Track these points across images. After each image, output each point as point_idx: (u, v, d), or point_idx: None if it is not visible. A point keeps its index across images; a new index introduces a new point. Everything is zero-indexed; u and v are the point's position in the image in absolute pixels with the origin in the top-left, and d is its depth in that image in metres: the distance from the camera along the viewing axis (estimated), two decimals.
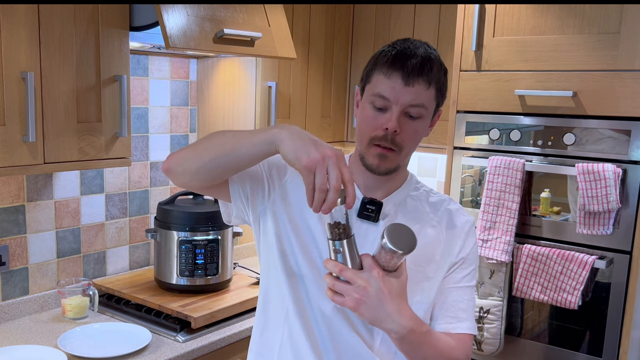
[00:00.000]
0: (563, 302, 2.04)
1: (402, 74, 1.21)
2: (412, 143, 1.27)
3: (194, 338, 2.00)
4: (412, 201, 1.35)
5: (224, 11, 2.03)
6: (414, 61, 1.21)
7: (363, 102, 1.29)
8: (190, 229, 2.21)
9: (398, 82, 1.21)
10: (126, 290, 2.22)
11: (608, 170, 1.92)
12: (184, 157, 1.27)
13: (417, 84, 1.21)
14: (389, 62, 1.23)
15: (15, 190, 2.06)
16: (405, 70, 1.21)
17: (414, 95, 1.22)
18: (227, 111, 2.53)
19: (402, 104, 1.22)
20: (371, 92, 1.25)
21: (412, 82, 1.21)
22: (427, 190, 1.39)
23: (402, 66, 1.21)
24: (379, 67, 1.25)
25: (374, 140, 1.24)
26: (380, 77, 1.24)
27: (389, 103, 1.23)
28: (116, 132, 1.92)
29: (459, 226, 1.35)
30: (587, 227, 1.99)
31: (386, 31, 2.71)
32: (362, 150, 1.28)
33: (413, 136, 1.26)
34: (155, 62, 2.45)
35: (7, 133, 1.65)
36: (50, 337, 1.95)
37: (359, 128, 1.29)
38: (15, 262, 2.09)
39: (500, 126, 2.18)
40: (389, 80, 1.22)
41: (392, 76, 1.22)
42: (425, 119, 1.26)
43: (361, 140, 1.28)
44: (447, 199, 1.39)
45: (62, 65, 1.75)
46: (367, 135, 1.25)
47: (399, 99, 1.22)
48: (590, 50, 1.98)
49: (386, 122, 1.22)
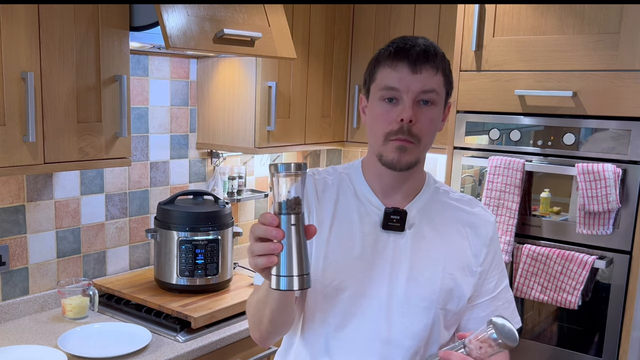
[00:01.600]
0: (563, 302, 2.04)
1: (408, 63, 1.19)
2: (430, 133, 1.23)
3: (194, 338, 2.00)
4: (435, 205, 1.32)
5: (224, 11, 2.03)
6: (417, 49, 1.19)
7: (371, 102, 1.25)
8: (190, 229, 2.21)
9: (405, 71, 1.19)
10: (126, 290, 2.22)
11: (608, 170, 1.92)
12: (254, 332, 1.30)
13: (425, 71, 1.19)
14: (392, 55, 1.21)
15: (15, 190, 2.06)
16: (410, 58, 1.19)
17: (424, 81, 1.19)
18: (227, 111, 2.54)
19: (413, 91, 1.19)
20: (378, 87, 1.22)
21: (420, 69, 1.19)
22: (446, 190, 1.36)
23: (406, 55, 1.19)
24: (383, 63, 1.22)
25: (390, 135, 1.20)
26: (385, 71, 1.21)
27: (399, 93, 1.19)
28: (116, 132, 1.92)
29: (483, 232, 1.31)
30: (587, 227, 1.99)
31: (386, 31, 2.71)
32: (379, 149, 1.23)
33: (429, 125, 1.21)
34: (155, 62, 2.45)
35: (7, 133, 1.65)
36: (50, 337, 1.95)
37: (372, 128, 1.24)
38: (15, 262, 2.09)
39: (500, 126, 2.18)
40: (395, 71, 1.20)
41: (398, 67, 1.19)
42: (438, 106, 1.23)
43: (376, 140, 1.23)
44: (467, 200, 1.36)
45: (62, 65, 1.75)
46: (382, 131, 1.21)
47: (409, 88, 1.18)
48: (590, 50, 1.98)
49: (400, 114, 1.19)
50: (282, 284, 1.00)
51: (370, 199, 1.30)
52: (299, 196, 1.00)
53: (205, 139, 2.63)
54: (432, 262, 1.26)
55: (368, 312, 1.24)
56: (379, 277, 1.25)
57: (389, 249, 1.26)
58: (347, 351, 1.26)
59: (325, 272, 1.26)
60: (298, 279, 0.99)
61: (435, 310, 1.25)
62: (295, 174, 1.00)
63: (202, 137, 2.64)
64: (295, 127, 2.65)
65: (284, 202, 1.00)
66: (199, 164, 2.70)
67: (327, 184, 1.33)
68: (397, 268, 1.25)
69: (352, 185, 1.32)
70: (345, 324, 1.25)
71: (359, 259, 1.26)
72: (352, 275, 1.25)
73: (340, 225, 1.28)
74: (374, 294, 1.25)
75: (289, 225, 1.00)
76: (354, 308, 1.25)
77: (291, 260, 0.99)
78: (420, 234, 1.28)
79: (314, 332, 1.28)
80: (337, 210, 1.29)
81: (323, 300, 1.26)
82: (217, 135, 2.58)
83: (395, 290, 1.25)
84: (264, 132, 2.47)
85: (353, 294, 1.25)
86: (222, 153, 2.73)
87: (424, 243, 1.27)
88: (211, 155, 2.73)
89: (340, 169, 1.36)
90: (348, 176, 1.34)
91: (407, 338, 1.25)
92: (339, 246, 1.27)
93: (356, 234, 1.27)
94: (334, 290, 1.25)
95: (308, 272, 1.01)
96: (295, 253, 1.00)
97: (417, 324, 1.25)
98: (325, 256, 1.26)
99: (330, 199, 1.30)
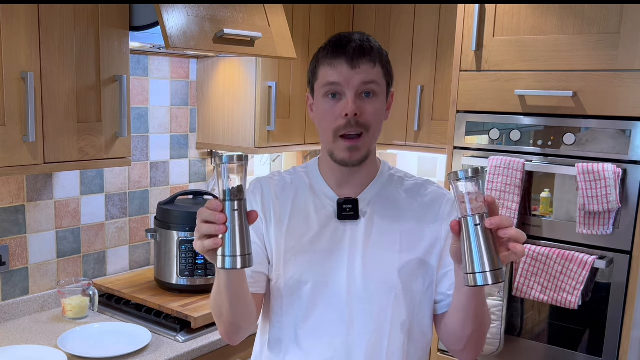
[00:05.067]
0: (563, 302, 2.04)
1: (345, 59, 1.23)
2: (376, 122, 1.27)
3: (194, 338, 2.00)
4: (390, 191, 1.36)
5: (224, 11, 2.03)
6: (353, 45, 1.24)
7: (316, 101, 1.30)
8: (190, 229, 2.21)
9: (344, 68, 1.23)
10: (126, 290, 2.22)
11: (608, 170, 1.91)
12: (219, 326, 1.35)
13: (363, 64, 1.24)
14: (329, 53, 1.26)
15: (15, 190, 2.06)
16: (347, 54, 1.23)
17: (363, 75, 1.24)
18: (227, 111, 2.54)
19: (353, 85, 1.23)
20: (321, 85, 1.27)
21: (358, 64, 1.23)
22: (401, 176, 1.39)
23: (343, 52, 1.24)
24: (321, 62, 1.27)
25: (339, 131, 1.25)
26: (325, 69, 1.26)
27: (341, 88, 1.24)
28: (116, 132, 1.92)
29: (440, 209, 1.34)
30: (587, 227, 1.99)
31: (386, 31, 2.71)
32: (330, 147, 1.29)
33: (374, 115, 1.26)
34: (155, 62, 2.45)
35: (7, 133, 1.65)
36: (50, 337, 1.95)
37: (320, 125, 1.30)
38: (15, 262, 2.09)
39: (500, 126, 2.18)
40: (334, 69, 1.24)
41: (336, 64, 1.24)
42: (380, 97, 1.27)
43: (326, 136, 1.29)
44: (422, 182, 1.39)
45: (62, 65, 1.75)
46: (330, 128, 1.26)
47: (349, 82, 1.23)
48: (590, 50, 1.98)
49: (344, 108, 1.24)
50: (227, 263, 1.09)
51: (325, 192, 1.35)
52: (242, 184, 1.10)
53: (205, 139, 2.63)
54: (387, 247, 1.30)
55: (331, 301, 1.29)
56: (337, 266, 1.30)
57: (346, 238, 1.31)
58: (314, 338, 1.30)
59: (286, 266, 1.32)
60: (240, 258, 1.09)
61: (395, 293, 1.29)
62: (237, 164, 1.10)
63: (202, 137, 2.64)
64: (295, 127, 2.65)
65: (228, 190, 1.10)
66: (199, 164, 2.70)
67: (286, 182, 1.39)
68: (353, 255, 1.30)
69: (309, 181, 1.38)
70: (309, 315, 1.30)
71: (317, 251, 1.31)
72: (312, 267, 1.30)
73: (298, 221, 1.33)
74: (335, 283, 1.29)
75: (232, 210, 1.09)
76: (317, 299, 1.30)
77: (234, 241, 1.09)
78: (375, 220, 1.32)
79: (282, 325, 1.34)
80: (294, 207, 1.35)
81: (287, 293, 1.32)
82: (217, 135, 2.58)
83: (353, 277, 1.29)
84: (264, 132, 2.47)
85: (315, 285, 1.30)
86: (222, 153, 2.73)
87: (378, 228, 1.31)
88: (211, 155, 2.73)
89: (299, 168, 1.43)
90: (306, 173, 1.40)
91: (369, 322, 1.29)
92: (297, 241, 1.32)
93: (313, 227, 1.32)
94: (296, 284, 1.31)
95: (250, 252, 1.11)
96: (238, 235, 1.09)
97: (377, 307, 1.29)
98: (285, 251, 1.32)
99: (288, 197, 1.37)
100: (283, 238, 1.33)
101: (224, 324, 1.32)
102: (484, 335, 1.32)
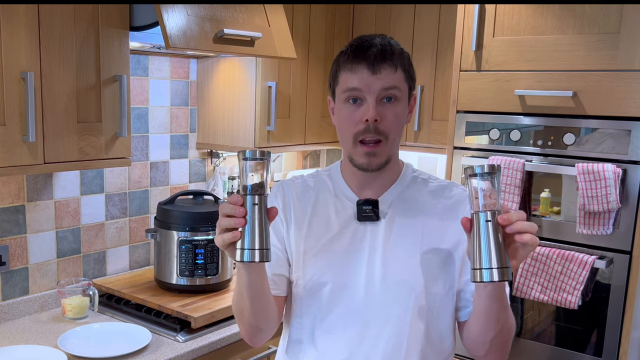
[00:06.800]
0: (563, 302, 2.04)
1: (366, 64, 1.23)
2: (396, 128, 1.27)
3: (194, 338, 2.00)
4: (413, 193, 1.34)
5: (224, 11, 2.03)
6: (374, 50, 1.23)
7: (337, 105, 1.30)
8: (190, 229, 2.21)
9: (365, 73, 1.23)
10: (126, 290, 2.22)
11: (608, 170, 1.92)
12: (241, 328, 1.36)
13: (384, 70, 1.23)
14: (350, 58, 1.25)
15: (15, 190, 2.06)
16: (368, 60, 1.22)
17: (384, 80, 1.23)
18: (227, 111, 2.54)
19: (374, 91, 1.23)
20: (342, 90, 1.26)
21: (379, 69, 1.22)
22: (425, 178, 1.38)
23: (364, 57, 1.23)
24: (343, 67, 1.26)
25: (358, 136, 1.25)
26: (346, 75, 1.25)
27: (362, 94, 1.23)
28: (116, 132, 1.92)
29: (465, 210, 1.31)
30: (587, 227, 1.99)
31: (386, 31, 2.71)
32: (350, 151, 1.29)
33: (395, 121, 1.25)
34: (155, 62, 2.45)
35: (7, 133, 1.65)
36: (50, 337, 1.95)
37: (341, 130, 1.30)
38: (15, 262, 2.09)
39: (500, 126, 2.18)
40: (355, 74, 1.24)
41: (358, 69, 1.23)
42: (401, 101, 1.27)
43: (346, 141, 1.28)
44: (447, 184, 1.38)
45: (62, 65, 1.75)
46: (350, 133, 1.26)
47: (370, 88, 1.23)
48: (590, 50, 1.98)
49: (364, 114, 1.23)
50: (246, 256, 1.10)
51: (346, 193, 1.35)
52: (263, 180, 1.13)
53: (205, 139, 2.64)
54: (408, 248, 1.29)
55: (349, 302, 1.29)
56: (356, 267, 1.29)
57: (365, 239, 1.30)
58: (329, 339, 1.30)
59: (305, 267, 1.31)
60: (259, 252, 1.11)
61: (415, 295, 1.27)
62: (260, 160, 1.13)
63: (202, 137, 2.64)
64: (295, 127, 2.65)
65: (249, 185, 1.12)
66: (199, 164, 2.70)
67: (308, 186, 1.39)
68: (373, 257, 1.29)
69: (331, 183, 1.38)
70: (327, 315, 1.30)
71: (337, 252, 1.30)
72: (331, 268, 1.30)
73: (318, 222, 1.33)
74: (353, 284, 1.29)
75: (253, 204, 1.11)
76: (336, 299, 1.30)
77: (254, 234, 1.10)
78: (396, 221, 1.31)
79: (301, 327, 1.34)
80: (314, 209, 1.35)
81: (306, 295, 1.32)
82: (217, 135, 2.58)
83: (372, 278, 1.28)
84: (264, 132, 2.47)
85: (334, 286, 1.29)
86: (222, 153, 2.73)
87: (398, 230, 1.30)
88: (211, 155, 2.73)
89: (322, 171, 1.43)
90: (328, 176, 1.40)
91: (387, 324, 1.28)
92: (316, 241, 1.32)
93: (333, 228, 1.32)
94: (315, 285, 1.30)
95: (269, 247, 1.12)
96: (257, 229, 1.11)
97: (396, 309, 1.28)
98: (304, 252, 1.32)
99: (309, 199, 1.37)
100: (303, 239, 1.33)
101: (245, 325, 1.32)
102: (507, 342, 1.29)
